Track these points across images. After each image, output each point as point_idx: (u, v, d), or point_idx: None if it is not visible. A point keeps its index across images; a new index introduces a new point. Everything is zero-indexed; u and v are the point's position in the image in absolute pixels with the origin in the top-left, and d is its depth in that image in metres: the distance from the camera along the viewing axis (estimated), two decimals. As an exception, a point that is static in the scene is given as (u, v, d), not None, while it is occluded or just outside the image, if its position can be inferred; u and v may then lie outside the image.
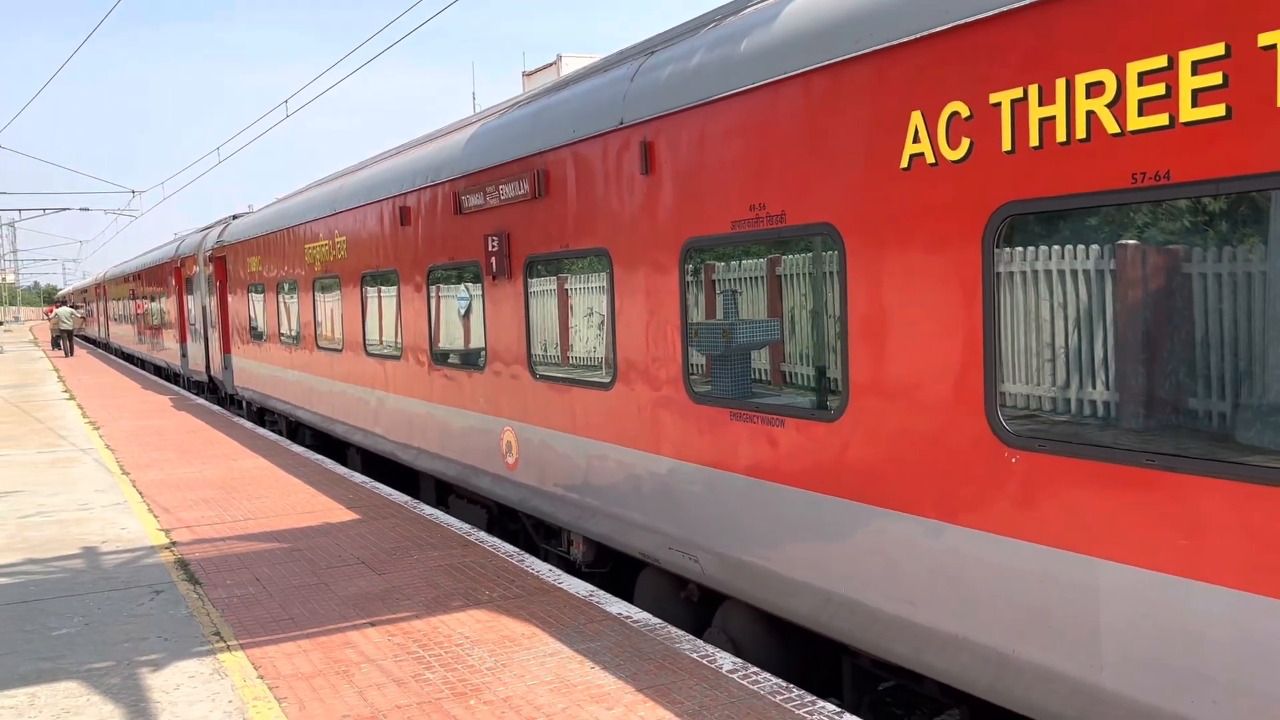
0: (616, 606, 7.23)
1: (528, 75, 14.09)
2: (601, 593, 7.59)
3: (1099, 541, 4.19)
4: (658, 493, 7.05)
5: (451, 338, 10.64)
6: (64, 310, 48.80)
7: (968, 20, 4.55)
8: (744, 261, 6.20)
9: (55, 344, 48.41)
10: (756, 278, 6.12)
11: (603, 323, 7.72)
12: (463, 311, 10.23)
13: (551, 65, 13.28)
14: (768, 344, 6.10)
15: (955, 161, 4.67)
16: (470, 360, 10.07)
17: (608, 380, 7.61)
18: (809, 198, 5.52)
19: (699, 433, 6.57)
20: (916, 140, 4.85)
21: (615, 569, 8.51)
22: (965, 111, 4.60)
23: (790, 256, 5.83)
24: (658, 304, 6.94)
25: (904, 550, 5.08)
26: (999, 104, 4.45)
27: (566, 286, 8.34)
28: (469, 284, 9.96)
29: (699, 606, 7.41)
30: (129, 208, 44.76)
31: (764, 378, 6.17)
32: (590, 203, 7.67)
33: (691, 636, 6.62)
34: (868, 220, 5.16)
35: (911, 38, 4.82)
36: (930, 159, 4.79)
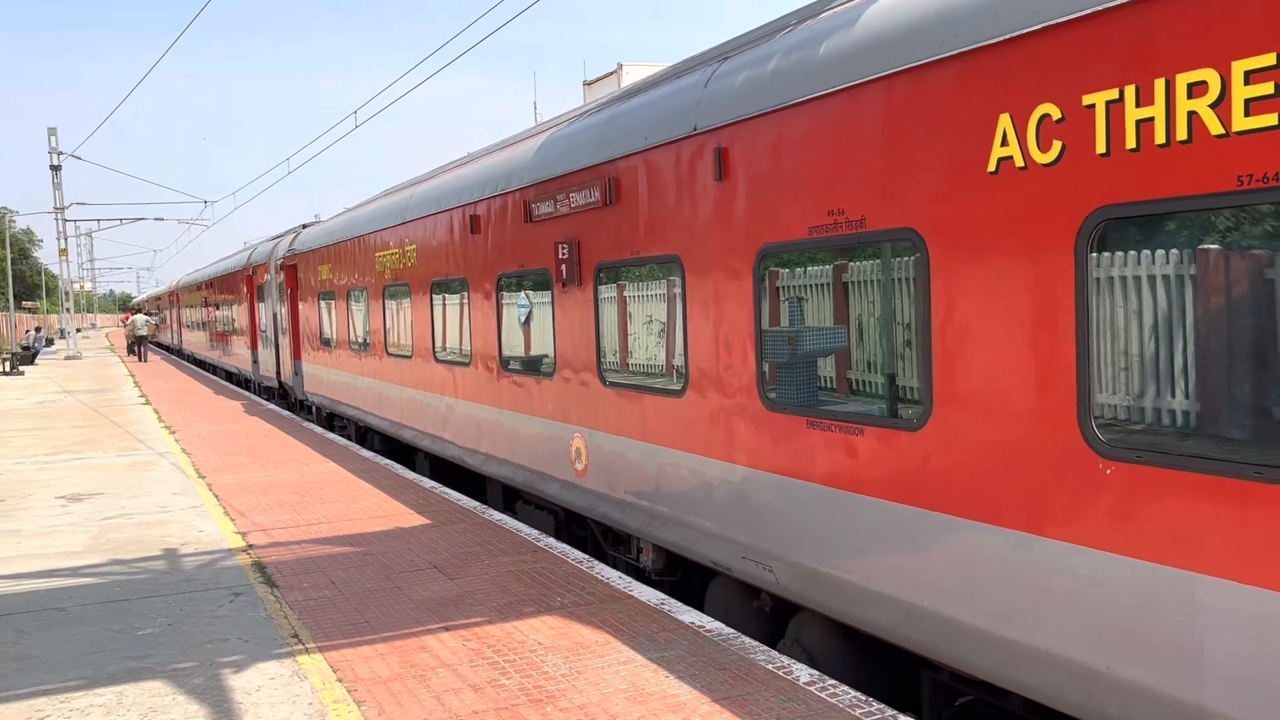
0: (688, 615, 7.19)
1: (589, 84, 14.16)
2: (672, 601, 7.56)
3: (1201, 556, 4.05)
4: (731, 501, 7.00)
5: (520, 344, 10.70)
6: (139, 318, 51.11)
7: (1060, 20, 4.44)
8: (821, 267, 6.13)
9: (130, 350, 50.59)
10: (833, 283, 6.04)
11: (674, 329, 7.70)
12: (532, 318, 10.28)
13: (612, 74, 13.33)
14: (845, 351, 6.02)
15: (1046, 165, 4.56)
16: (539, 367, 10.11)
17: (679, 387, 7.58)
18: (890, 203, 5.44)
19: (774, 441, 6.50)
20: (1005, 144, 4.75)
21: (684, 577, 8.47)
22: (1056, 114, 4.49)
23: (870, 262, 5.75)
24: (731, 310, 6.89)
25: (991, 562, 4.97)
26: (1093, 105, 4.33)
27: (637, 293, 8.34)
28: (538, 291, 10.01)
29: (771, 617, 7.34)
30: (201, 217, 45.86)
31: (841, 386, 6.09)
32: (662, 210, 7.66)
33: (766, 647, 6.55)
34: (953, 225, 5.06)
35: (999, 39, 4.72)
36: (1019, 162, 4.69)
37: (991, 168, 4.83)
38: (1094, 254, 4.42)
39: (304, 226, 23.61)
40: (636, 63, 12.86)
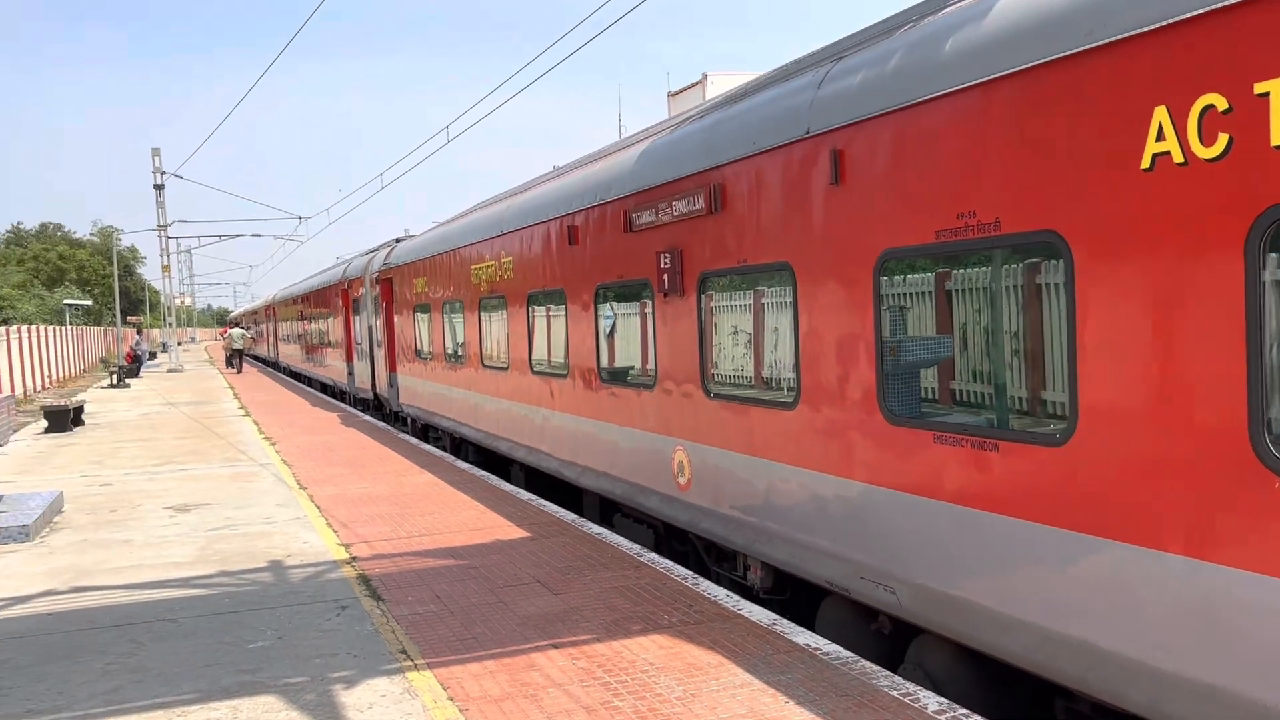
0: (803, 637, 6.92)
1: (673, 95, 14.00)
2: (785, 621, 7.30)
3: (1402, 588, 3.65)
4: (847, 518, 6.72)
5: (620, 356, 10.56)
6: (236, 331, 53.78)
7: (1227, 3, 4.10)
8: (949, 272, 5.83)
9: (229, 362, 52.77)
10: (963, 290, 5.74)
11: (785, 340, 7.45)
12: (632, 329, 10.13)
13: (697, 85, 13.14)
14: (975, 361, 5.71)
15: (1210, 160, 4.21)
16: (639, 379, 9.95)
17: (790, 400, 7.33)
18: (1028, 204, 5.13)
19: (896, 456, 6.21)
20: (1161, 138, 4.41)
21: (794, 595, 8.19)
22: (1223, 104, 4.14)
23: (1005, 267, 5.43)
24: (848, 319, 6.62)
25: (1146, 588, 4.61)
26: (1266, 94, 3.98)
27: (744, 302, 8.12)
28: (639, 302, 9.86)
29: (890, 640, 7.03)
30: (295, 233, 47.10)
31: (974, 398, 5.78)
32: (771, 216, 7.43)
33: (888, 672, 6.25)
34: (1100, 226, 4.73)
35: (1155, 26, 4.39)
36: (1178, 158, 4.34)
37: (1145, 164, 4.49)
38: (1269, 255, 4.05)
39: (398, 241, 23.95)
40: (722, 72, 12.65)
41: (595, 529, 10.59)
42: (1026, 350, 5.35)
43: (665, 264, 9.01)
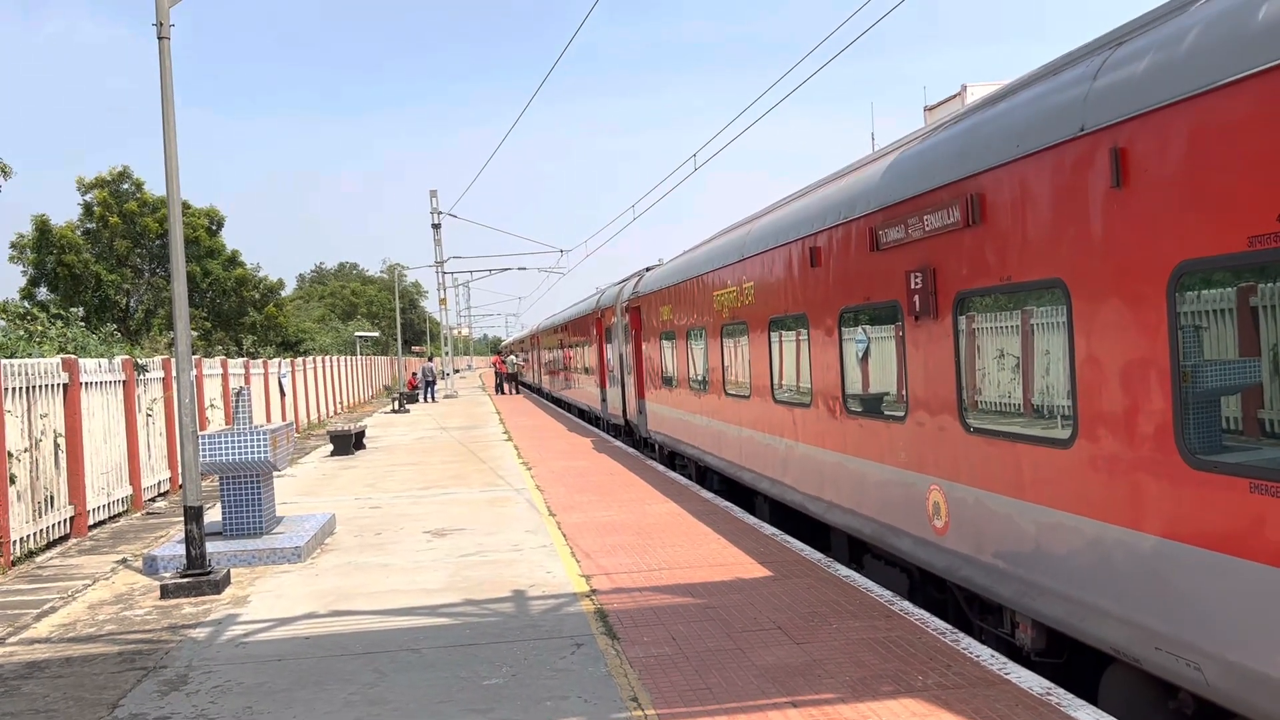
0: (1083, 713, 5.96)
1: (929, 109, 13.10)
2: (1061, 691, 6.34)
3: None
4: (1139, 577, 5.71)
5: (866, 383, 9.84)
6: (511, 359, 61.03)
7: None
8: (1265, 286, 4.80)
9: (499, 389, 58.14)
10: (1288, 308, 4.69)
11: (1058, 367, 6.53)
12: (879, 356, 9.40)
13: (956, 96, 12.18)
14: (1308, 395, 4.64)
15: None
16: (888, 409, 9.19)
17: (1066, 436, 6.39)
18: (1379, 198, 4.08)
19: (1200, 506, 5.19)
20: None
21: (1072, 657, 7.16)
22: None
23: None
24: (1136, 342, 5.65)
25: None
26: None
27: (1008, 324, 7.23)
28: (886, 325, 9.13)
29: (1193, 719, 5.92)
30: (557, 265, 49.25)
31: (1303, 439, 4.70)
32: (1039, 227, 6.55)
33: (1194, 766, 5.21)
34: None
35: None
36: None
37: None
38: None
39: (647, 270, 24.20)
40: (981, 83, 11.67)
41: (843, 571, 9.88)
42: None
43: (916, 284, 8.26)
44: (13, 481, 12.71)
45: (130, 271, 46.74)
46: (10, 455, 12.72)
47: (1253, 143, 4.72)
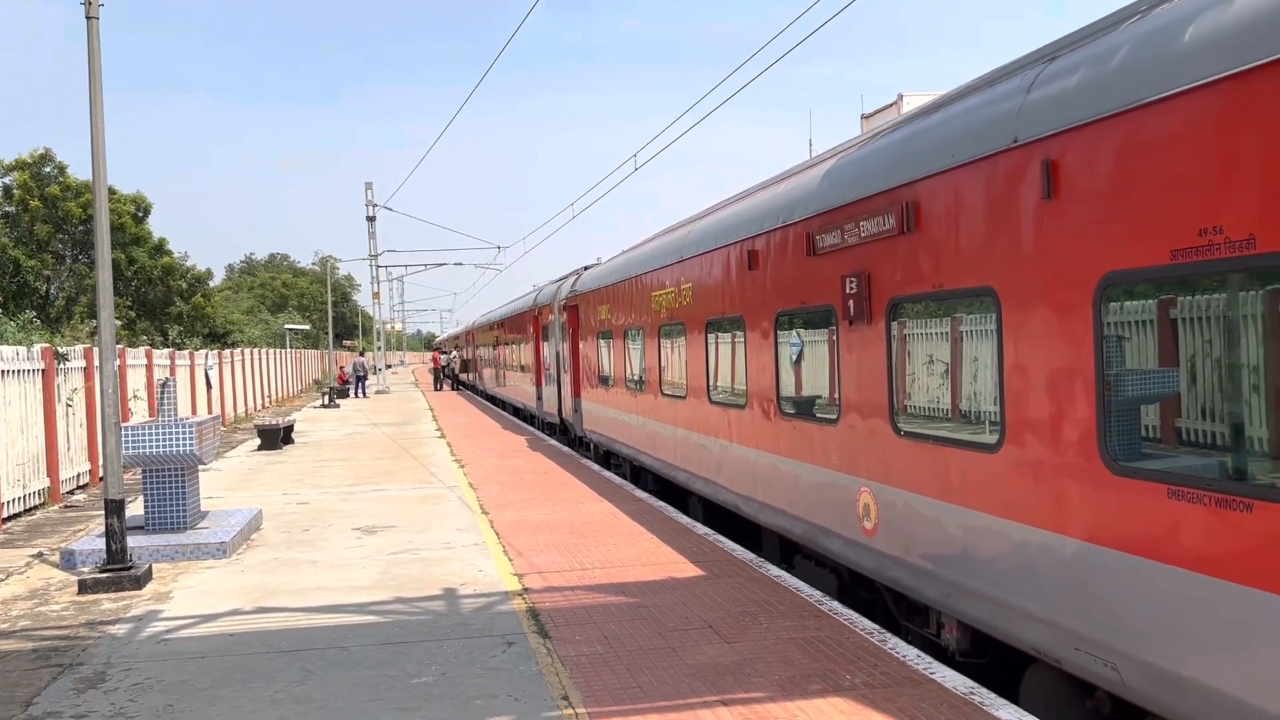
0: (1005, 711, 6.10)
1: (866, 117, 13.30)
2: (984, 690, 6.48)
3: None
4: (1061, 580, 5.87)
5: (800, 386, 9.95)
6: (450, 354, 61.71)
7: None
8: (1187, 298, 4.97)
9: (437, 385, 58.54)
10: (1205, 318, 4.86)
11: (987, 373, 6.68)
12: (814, 359, 9.52)
13: (892, 105, 12.39)
14: (1230, 403, 4.81)
15: None
16: (821, 412, 9.31)
17: (993, 441, 6.54)
18: (1293, 216, 4.25)
19: (1121, 511, 5.35)
20: None
21: (995, 657, 7.33)
22: None
23: (1262, 290, 4.54)
24: (1062, 351, 5.81)
25: None
26: None
27: (939, 330, 7.38)
28: (821, 329, 9.24)
29: (1109, 719, 6.10)
30: (494, 261, 48.95)
31: (1217, 444, 4.87)
32: (972, 235, 6.70)
33: (1109, 762, 5.37)
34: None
35: None
36: None
37: None
38: None
39: (585, 268, 24.17)
40: (917, 93, 11.88)
41: (774, 571, 9.98)
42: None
43: (851, 289, 8.38)
44: (-79, 472, 12.22)
45: (51, 257, 45.25)
46: (-81, 444, 12.22)
47: (1177, 159, 4.88)
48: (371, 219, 56.30)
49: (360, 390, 51.01)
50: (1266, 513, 4.45)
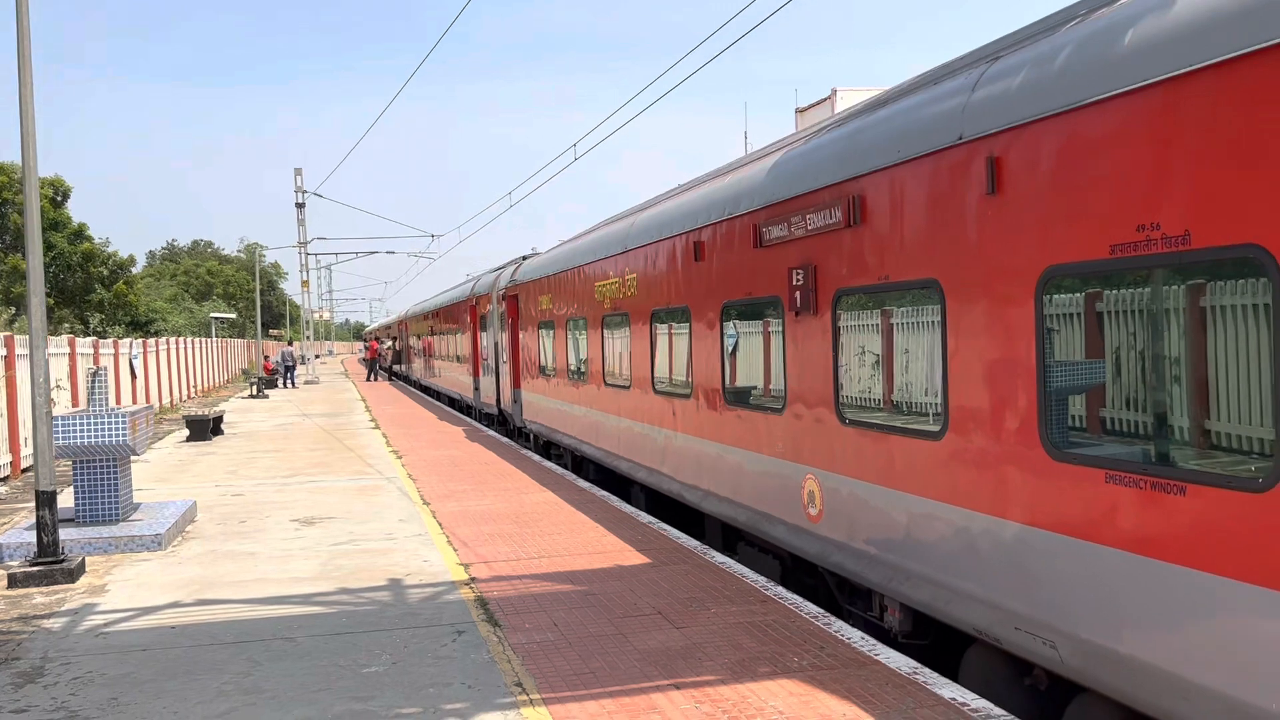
0: (948, 690, 6.31)
1: (801, 111, 13.51)
2: (927, 670, 6.69)
3: None
4: (1001, 562, 6.09)
5: (747, 377, 10.10)
6: (386, 344, 61.39)
7: None
8: (1126, 292, 5.19)
9: (371, 374, 57.78)
10: (1145, 310, 5.09)
11: (931, 363, 6.87)
12: (760, 349, 9.67)
13: (826, 100, 12.62)
14: (1162, 392, 5.04)
15: None
16: (767, 401, 9.47)
17: (937, 429, 6.74)
18: (1226, 215, 4.47)
19: (1060, 495, 5.57)
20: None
21: (936, 640, 7.56)
22: None
23: (1198, 283, 4.77)
24: (1005, 342, 6.02)
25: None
26: None
27: (885, 322, 7.56)
28: (768, 320, 9.39)
29: (1045, 696, 6.35)
30: (428, 250, 48.41)
31: (1149, 433, 5.10)
32: (917, 229, 6.88)
33: (1047, 736, 5.60)
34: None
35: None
36: None
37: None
38: None
39: (524, 258, 24.08)
40: (851, 88, 12.10)
41: (719, 558, 10.13)
42: (1238, 378, 4.67)
43: (797, 281, 8.53)
44: None
45: (-37, 241, 43.62)
46: None
47: (1117, 158, 5.10)
48: (301, 205, 55.30)
49: (289, 380, 50.15)
50: (1196, 495, 4.69)
